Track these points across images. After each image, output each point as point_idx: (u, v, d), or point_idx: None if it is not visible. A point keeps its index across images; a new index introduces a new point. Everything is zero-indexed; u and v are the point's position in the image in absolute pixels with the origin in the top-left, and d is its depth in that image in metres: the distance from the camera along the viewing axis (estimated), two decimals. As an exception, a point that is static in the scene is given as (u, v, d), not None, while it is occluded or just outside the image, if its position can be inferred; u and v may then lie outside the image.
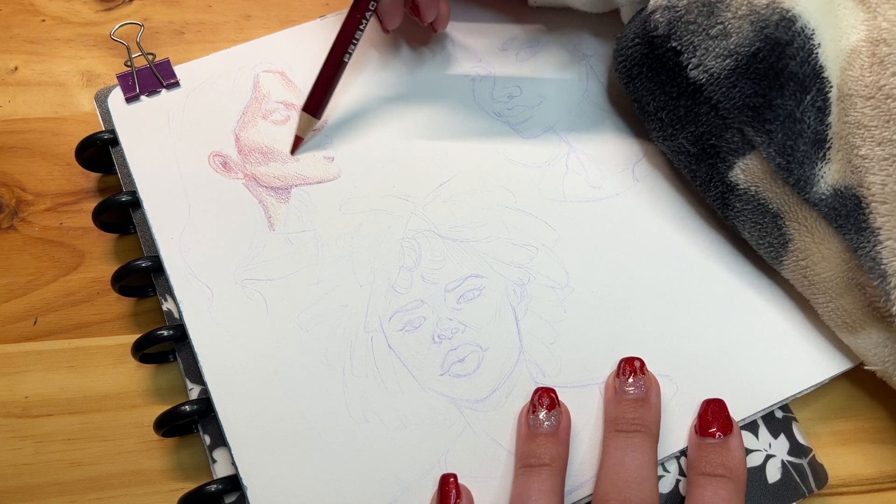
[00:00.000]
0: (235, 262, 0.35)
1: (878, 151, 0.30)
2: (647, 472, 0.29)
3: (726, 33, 0.31)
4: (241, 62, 0.40)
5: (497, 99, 0.40)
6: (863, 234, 0.30)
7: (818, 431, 0.35)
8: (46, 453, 0.34)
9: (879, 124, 0.30)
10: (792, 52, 0.30)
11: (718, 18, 0.31)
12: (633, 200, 0.37)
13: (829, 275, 0.32)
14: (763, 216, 0.33)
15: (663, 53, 0.33)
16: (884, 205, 0.30)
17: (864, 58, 0.31)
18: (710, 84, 0.32)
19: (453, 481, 0.30)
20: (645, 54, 0.33)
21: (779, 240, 0.33)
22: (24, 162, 0.41)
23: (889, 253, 0.29)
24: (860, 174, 0.30)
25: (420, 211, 0.37)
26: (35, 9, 0.45)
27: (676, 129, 0.34)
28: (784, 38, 0.30)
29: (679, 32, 0.32)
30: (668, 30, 0.32)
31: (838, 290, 0.32)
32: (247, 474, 0.31)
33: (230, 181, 0.37)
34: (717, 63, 0.31)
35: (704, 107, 0.33)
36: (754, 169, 0.33)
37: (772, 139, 0.31)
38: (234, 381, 0.33)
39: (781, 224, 0.33)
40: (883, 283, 0.30)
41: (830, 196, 0.31)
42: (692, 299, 0.35)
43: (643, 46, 0.33)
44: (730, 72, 0.31)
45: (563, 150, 0.39)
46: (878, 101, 0.30)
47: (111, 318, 0.37)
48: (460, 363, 0.33)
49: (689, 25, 0.31)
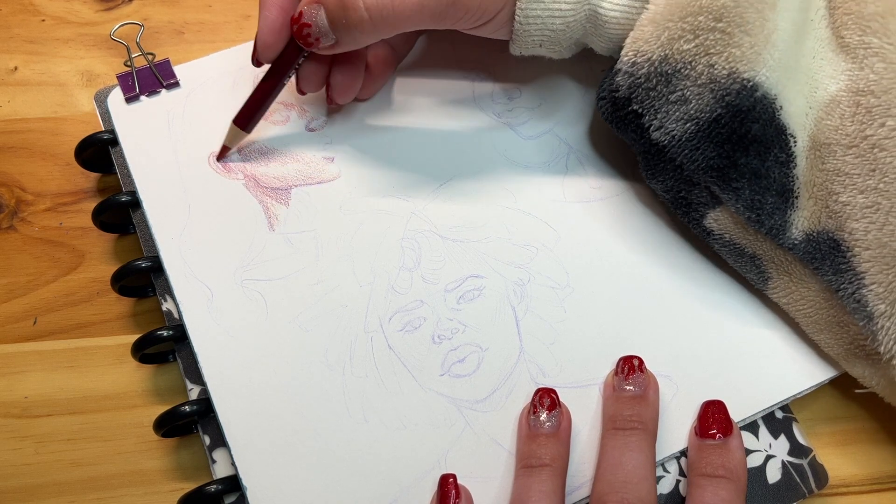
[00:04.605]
0: (235, 262, 0.35)
1: (860, 199, 0.30)
2: (644, 472, 0.29)
3: (685, 99, 0.31)
4: (240, 62, 0.40)
5: (497, 100, 0.40)
6: (843, 276, 0.30)
7: (818, 432, 0.35)
8: (46, 453, 0.34)
9: (863, 173, 0.30)
10: (754, 117, 0.30)
11: (678, 86, 0.31)
12: (633, 201, 0.37)
13: (810, 311, 0.33)
14: (741, 257, 0.34)
15: (626, 115, 0.32)
16: (867, 251, 0.30)
17: (844, 107, 0.30)
18: (672, 146, 0.31)
19: (453, 482, 0.30)
20: (610, 111, 0.33)
21: (759, 277, 0.34)
22: (24, 162, 0.41)
23: (874, 297, 0.30)
24: (840, 219, 0.30)
25: (420, 211, 0.37)
26: (35, 9, 0.45)
27: (650, 178, 0.34)
28: (745, 105, 0.30)
29: (639, 97, 0.31)
30: (628, 93, 0.32)
31: (820, 327, 0.33)
32: (246, 474, 0.31)
33: (230, 181, 0.37)
34: (677, 126, 0.31)
35: (669, 165, 0.33)
36: (725, 220, 0.33)
37: (739, 196, 0.31)
38: (234, 382, 0.33)
39: (759, 264, 0.33)
40: (869, 325, 0.30)
41: (804, 241, 0.32)
42: (692, 299, 0.35)
43: (608, 103, 0.33)
44: (691, 135, 0.31)
45: (562, 150, 0.39)
46: (862, 150, 0.30)
47: (111, 318, 0.37)
48: (460, 363, 0.33)
49: (649, 91, 0.31)
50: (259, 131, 0.38)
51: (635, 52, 0.31)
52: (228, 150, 0.38)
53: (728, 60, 0.30)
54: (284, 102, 0.39)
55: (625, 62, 0.31)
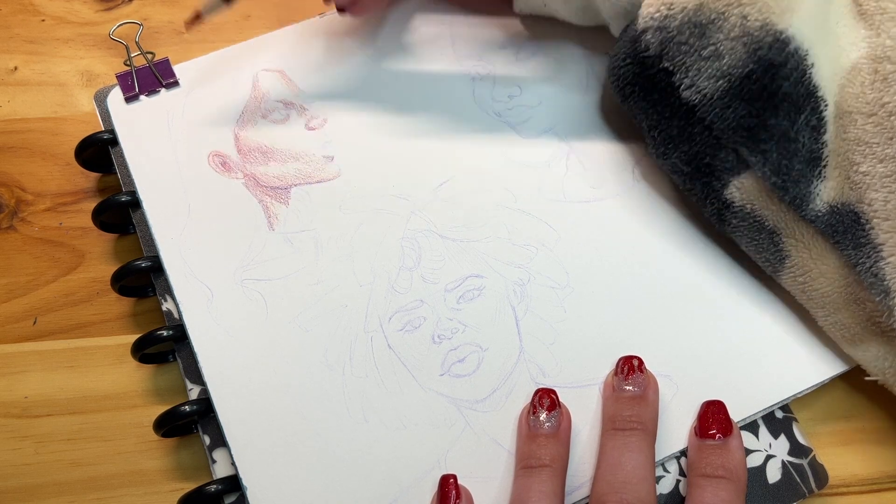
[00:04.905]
0: (235, 262, 0.35)
1: (879, 168, 0.30)
2: (643, 472, 0.29)
3: (719, 54, 0.31)
4: (240, 61, 0.40)
5: (497, 99, 0.40)
6: (862, 250, 0.30)
7: (818, 432, 0.35)
8: (46, 453, 0.34)
9: (882, 141, 0.30)
10: (786, 73, 0.30)
11: (710, 40, 0.31)
12: (633, 201, 0.37)
13: (828, 290, 0.32)
14: (759, 233, 0.33)
15: (655, 74, 0.32)
16: (886, 221, 0.30)
17: (864, 75, 0.30)
18: (703, 105, 0.31)
19: (453, 482, 0.30)
20: (637, 74, 0.33)
21: (776, 255, 0.33)
22: (24, 162, 0.41)
23: (892, 269, 0.29)
24: (860, 190, 0.30)
25: (420, 211, 0.37)
26: (35, 9, 0.45)
27: (669, 149, 0.34)
28: (778, 60, 0.30)
29: (671, 53, 0.31)
30: (659, 50, 0.32)
31: (837, 305, 0.32)
32: (247, 474, 0.31)
33: (230, 181, 0.37)
34: (709, 84, 0.31)
35: (698, 126, 0.32)
36: (749, 187, 0.32)
37: (766, 159, 0.31)
38: (234, 381, 0.33)
39: (778, 241, 0.33)
40: (886, 300, 0.30)
41: (827, 213, 0.31)
42: (692, 299, 0.35)
43: (634, 66, 0.33)
44: (723, 93, 0.31)
45: (563, 150, 0.39)
46: (880, 118, 0.30)
47: (111, 318, 0.37)
48: (460, 363, 0.33)
49: (681, 46, 0.31)
50: (259, 130, 0.38)
51: (668, 4, 0.31)
52: (201, 18, 0.35)
53: (761, 11, 0.30)
54: (284, 101, 0.39)
55: (656, 18, 0.31)
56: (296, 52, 0.41)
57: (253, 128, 0.39)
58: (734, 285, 0.35)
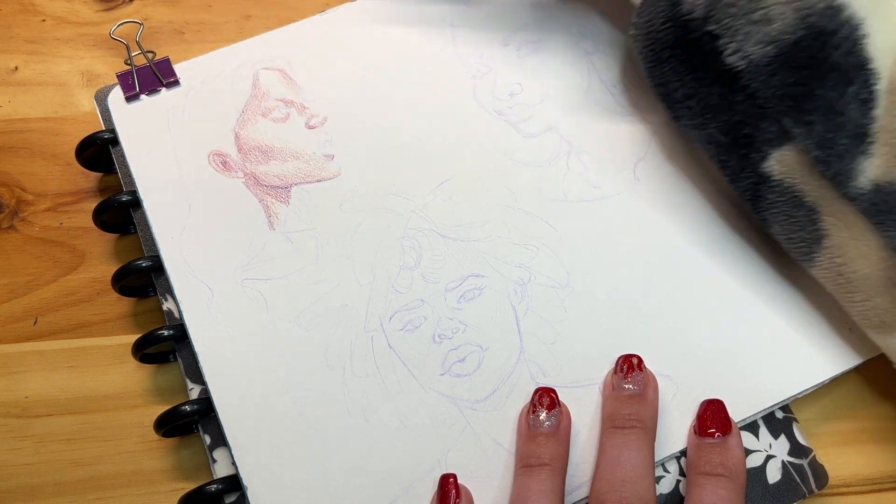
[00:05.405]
0: (235, 261, 0.35)
1: None
2: (643, 471, 0.29)
3: (769, 19, 0.29)
4: (240, 60, 0.40)
5: (498, 97, 0.40)
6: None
7: (819, 432, 0.35)
8: (46, 453, 0.34)
9: None
10: (837, 42, 0.29)
11: (761, 3, 0.29)
12: (635, 200, 0.37)
13: (867, 272, 0.31)
14: (797, 209, 0.32)
15: (699, 37, 0.31)
16: None
17: None
18: (749, 71, 0.30)
19: (453, 481, 0.30)
20: (678, 37, 0.31)
21: (812, 235, 0.32)
22: (24, 162, 0.41)
23: None
24: None
25: (420, 210, 0.37)
26: (35, 9, 0.45)
27: (707, 118, 0.33)
28: (829, 27, 0.29)
29: (718, 16, 0.30)
30: (705, 12, 0.30)
31: (876, 289, 0.31)
32: (247, 474, 0.31)
33: (230, 180, 0.37)
34: (757, 49, 0.30)
35: (740, 94, 0.31)
36: (790, 160, 0.31)
37: (811, 131, 0.30)
38: (234, 381, 0.33)
39: (817, 218, 0.32)
40: None
41: (871, 191, 0.30)
42: (692, 299, 0.35)
43: (676, 29, 0.31)
44: (771, 59, 0.30)
45: (563, 149, 0.39)
46: None
47: (111, 318, 0.37)
48: (460, 363, 0.33)
49: (730, 9, 0.30)
50: (259, 129, 0.38)
51: None
52: None
53: None
54: (284, 100, 0.39)
55: None
56: (296, 50, 0.41)
57: (253, 127, 0.39)
58: (735, 284, 0.35)
